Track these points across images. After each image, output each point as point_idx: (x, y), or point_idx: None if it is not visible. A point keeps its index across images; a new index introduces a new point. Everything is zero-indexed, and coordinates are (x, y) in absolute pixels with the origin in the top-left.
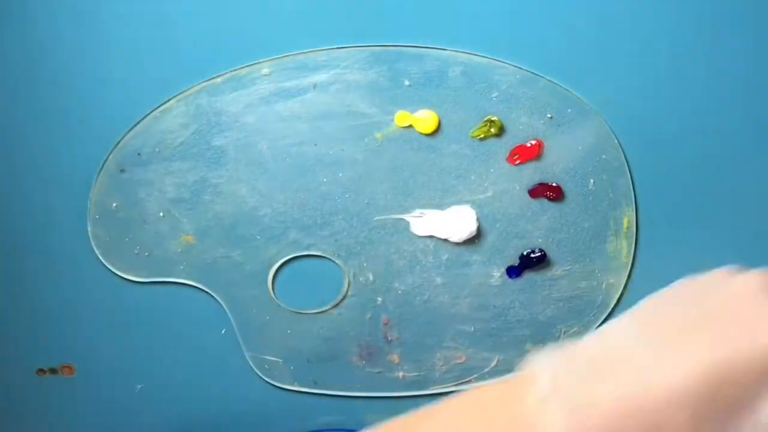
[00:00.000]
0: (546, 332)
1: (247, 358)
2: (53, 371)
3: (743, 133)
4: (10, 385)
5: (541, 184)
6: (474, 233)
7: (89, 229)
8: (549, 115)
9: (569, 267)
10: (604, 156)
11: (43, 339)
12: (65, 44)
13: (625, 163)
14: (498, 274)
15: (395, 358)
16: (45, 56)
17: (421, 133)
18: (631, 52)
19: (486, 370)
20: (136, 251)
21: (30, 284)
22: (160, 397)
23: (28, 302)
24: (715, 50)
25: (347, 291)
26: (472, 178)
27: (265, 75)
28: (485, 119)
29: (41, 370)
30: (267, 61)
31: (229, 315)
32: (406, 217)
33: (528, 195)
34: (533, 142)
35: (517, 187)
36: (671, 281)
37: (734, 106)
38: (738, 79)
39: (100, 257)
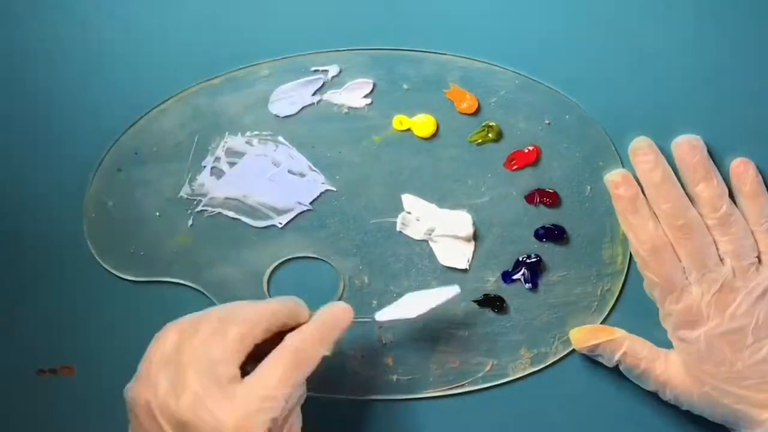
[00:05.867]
0: (540, 338)
1: None
2: (53, 371)
3: (743, 142)
4: (10, 386)
5: (537, 190)
6: (470, 238)
7: (85, 228)
8: (547, 121)
9: (565, 273)
10: (601, 163)
11: (43, 339)
12: (64, 42)
13: None
14: (493, 278)
15: (389, 361)
16: (43, 55)
17: (419, 137)
18: (630, 60)
19: (480, 374)
20: (131, 250)
21: (27, 283)
22: None
23: (24, 301)
24: (716, 59)
25: (343, 293)
26: (470, 182)
27: (264, 76)
28: (483, 124)
29: (41, 371)
30: (266, 62)
31: None
32: (403, 220)
33: (525, 200)
34: (531, 148)
35: (514, 193)
36: None
37: (734, 115)
38: (739, 88)
39: (96, 256)
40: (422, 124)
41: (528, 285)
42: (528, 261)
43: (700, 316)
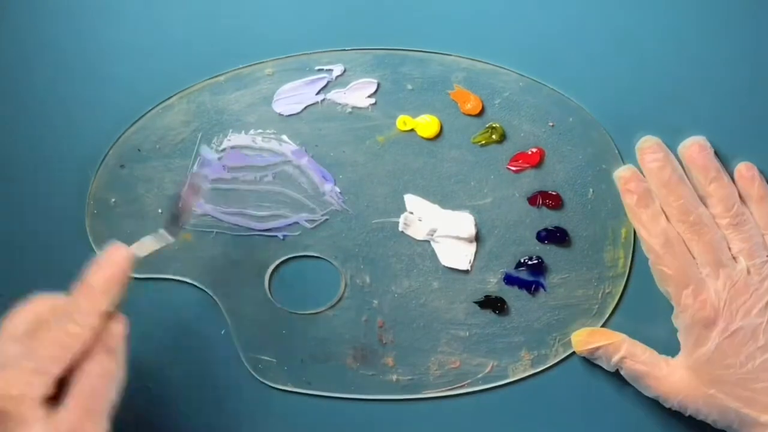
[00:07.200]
0: (541, 339)
1: (242, 357)
2: None
3: (745, 145)
4: None
5: (540, 192)
6: (472, 239)
7: (87, 223)
8: (551, 124)
9: (566, 275)
10: (604, 166)
11: None
12: (69, 38)
13: None
14: (494, 280)
15: (389, 361)
16: (47, 50)
17: (423, 138)
18: (634, 63)
19: (480, 375)
20: None
21: (28, 280)
22: (154, 395)
23: (24, 297)
24: (719, 62)
25: (343, 293)
26: (472, 183)
27: (269, 75)
28: (487, 125)
29: None
30: (270, 61)
31: (225, 313)
32: (405, 220)
33: (527, 202)
34: (534, 150)
35: (517, 194)
36: None
37: (737, 118)
38: (742, 91)
39: (98, 252)
40: (426, 124)
41: (527, 292)
42: (529, 263)
43: (715, 312)
